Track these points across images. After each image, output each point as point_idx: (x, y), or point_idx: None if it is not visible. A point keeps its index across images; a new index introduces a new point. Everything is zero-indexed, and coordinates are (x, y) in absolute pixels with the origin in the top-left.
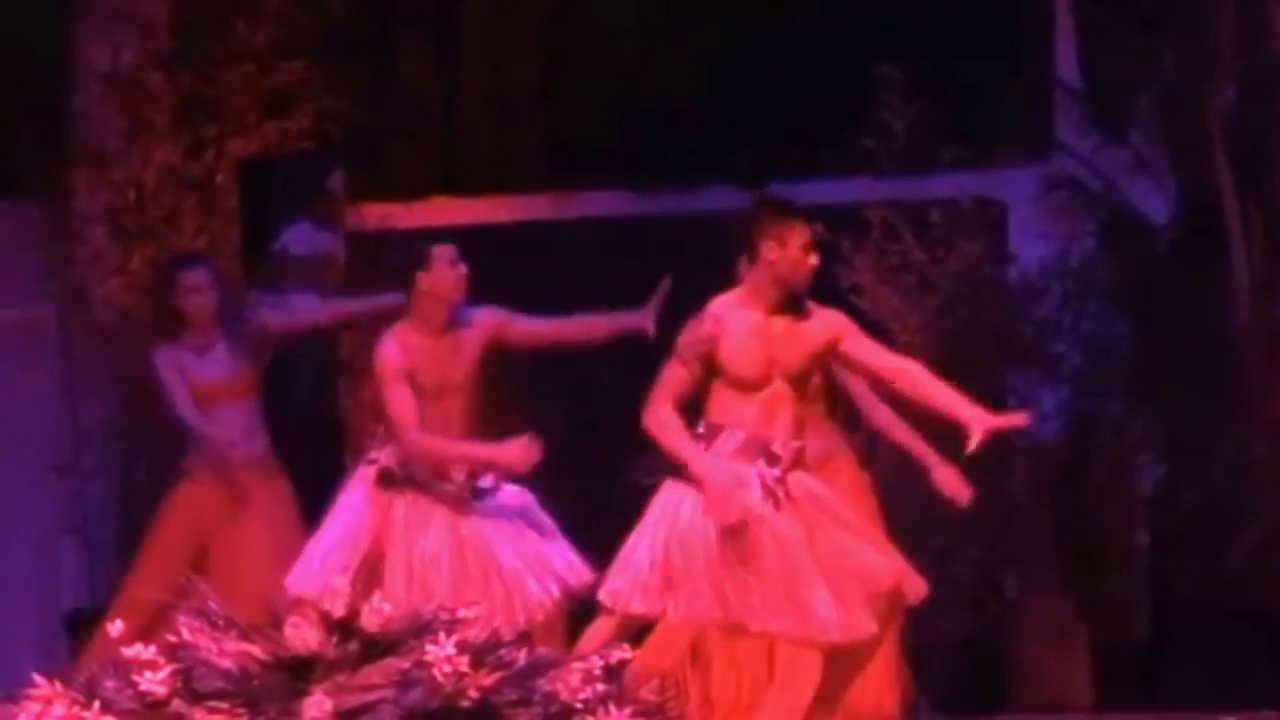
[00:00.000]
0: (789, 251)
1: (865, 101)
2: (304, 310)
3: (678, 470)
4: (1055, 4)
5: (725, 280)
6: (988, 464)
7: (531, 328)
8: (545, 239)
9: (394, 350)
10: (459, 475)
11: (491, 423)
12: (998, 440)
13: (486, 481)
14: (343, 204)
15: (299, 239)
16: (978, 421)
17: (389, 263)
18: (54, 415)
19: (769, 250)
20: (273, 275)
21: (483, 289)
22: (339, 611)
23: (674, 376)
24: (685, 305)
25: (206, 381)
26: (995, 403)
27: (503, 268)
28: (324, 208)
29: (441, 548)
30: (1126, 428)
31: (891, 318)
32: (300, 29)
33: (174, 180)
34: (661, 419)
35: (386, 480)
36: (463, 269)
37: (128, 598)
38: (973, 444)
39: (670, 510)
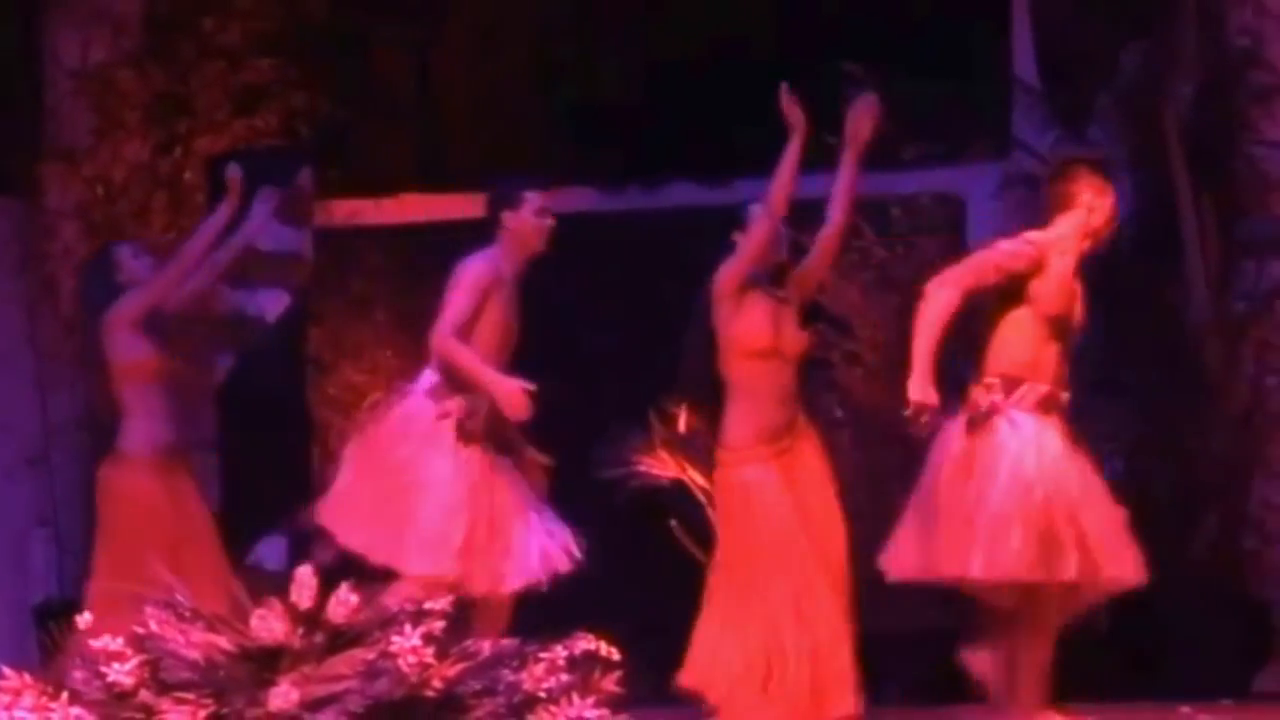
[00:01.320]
0: (1106, 203)
1: (827, 98)
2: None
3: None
4: (1013, 2)
5: (690, 274)
6: None
7: None
8: None
9: (484, 269)
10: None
11: None
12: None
13: None
14: (310, 201)
15: (266, 236)
16: None
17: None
18: (25, 408)
19: (1089, 200)
20: (240, 272)
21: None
22: (305, 603)
23: (979, 273)
24: (650, 302)
25: (160, 361)
26: (955, 396)
27: None
28: (292, 205)
29: (506, 497)
30: (1087, 419)
31: (852, 313)
32: (271, 26)
33: (144, 176)
34: (946, 301)
35: (467, 436)
36: (549, 221)
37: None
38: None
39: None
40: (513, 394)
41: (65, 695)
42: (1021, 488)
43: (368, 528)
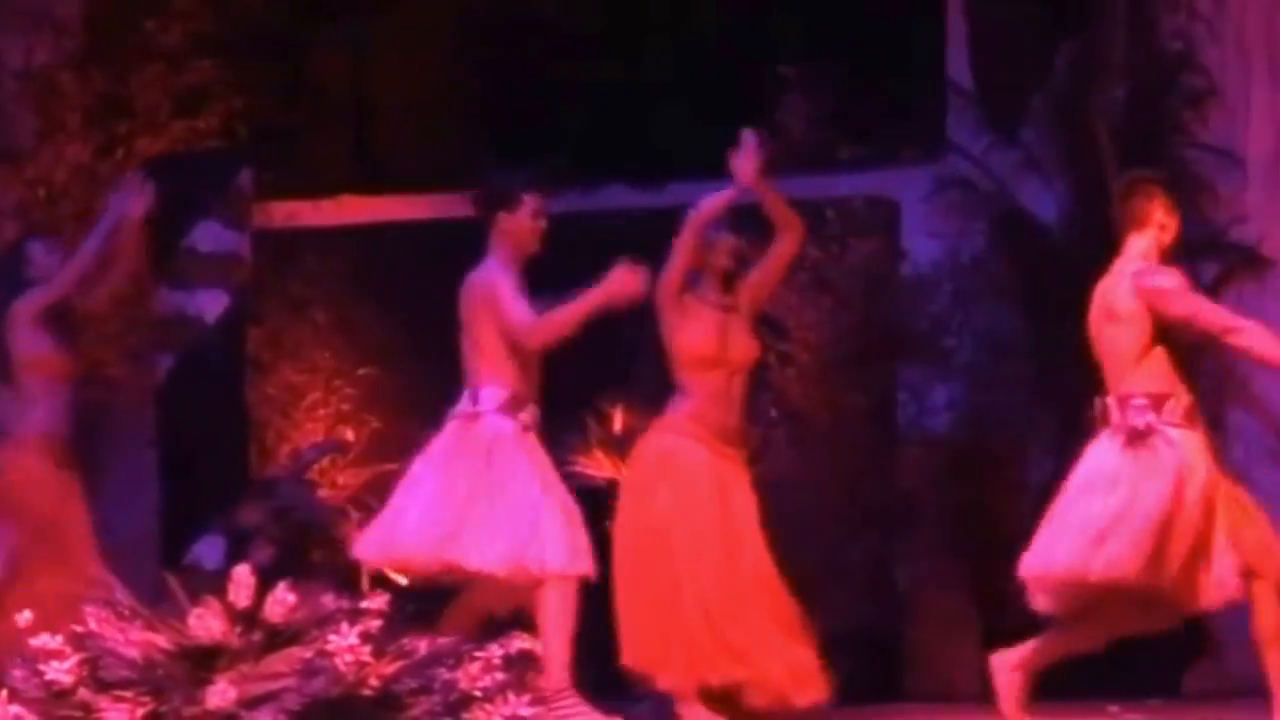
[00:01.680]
0: (1174, 222)
1: (762, 102)
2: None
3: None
4: (947, 5)
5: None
6: (880, 458)
7: None
8: (454, 237)
9: (499, 272)
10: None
11: None
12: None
13: None
14: (249, 202)
15: (205, 237)
16: None
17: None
18: None
19: (1161, 219)
20: (180, 273)
21: (393, 286)
22: (243, 601)
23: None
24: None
25: (62, 358)
26: (889, 397)
27: (410, 266)
28: (231, 206)
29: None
30: (1017, 420)
31: (788, 315)
32: (211, 28)
33: (85, 178)
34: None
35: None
36: (543, 223)
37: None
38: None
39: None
40: (622, 278)
41: (4, 693)
42: (1169, 504)
43: (474, 539)
